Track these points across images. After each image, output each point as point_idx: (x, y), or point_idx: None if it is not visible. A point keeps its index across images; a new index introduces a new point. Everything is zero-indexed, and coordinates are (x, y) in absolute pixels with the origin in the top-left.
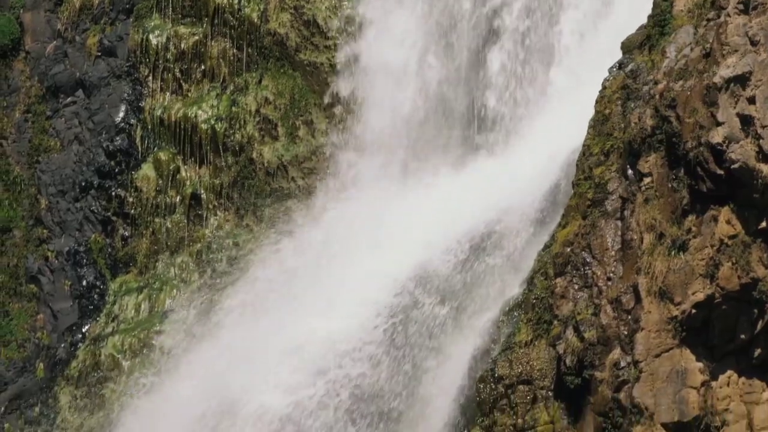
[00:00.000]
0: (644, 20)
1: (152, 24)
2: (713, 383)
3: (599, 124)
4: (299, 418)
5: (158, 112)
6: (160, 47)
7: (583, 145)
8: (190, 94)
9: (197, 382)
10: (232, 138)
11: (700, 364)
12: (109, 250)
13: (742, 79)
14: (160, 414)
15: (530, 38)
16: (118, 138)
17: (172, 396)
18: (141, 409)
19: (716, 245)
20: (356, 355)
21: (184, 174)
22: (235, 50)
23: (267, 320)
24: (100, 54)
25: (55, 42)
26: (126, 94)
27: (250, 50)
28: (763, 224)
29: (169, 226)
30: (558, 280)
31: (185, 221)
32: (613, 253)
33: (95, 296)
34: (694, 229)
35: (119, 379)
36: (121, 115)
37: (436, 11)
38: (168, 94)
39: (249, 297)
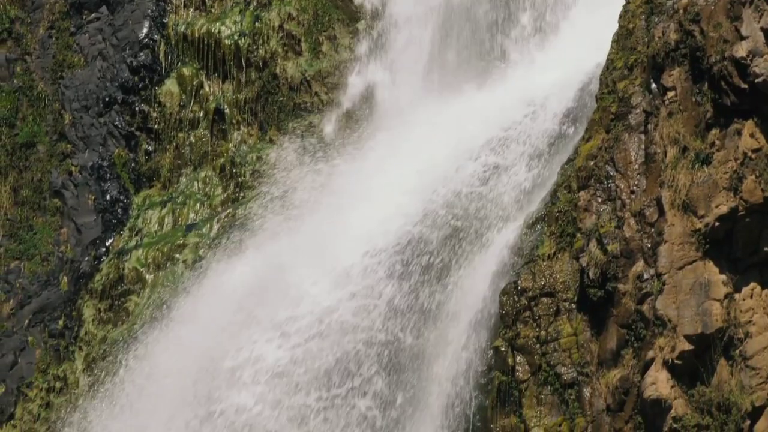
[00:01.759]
0: None
1: None
2: (736, 296)
3: (623, 38)
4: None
5: (182, 28)
6: None
7: (607, 59)
8: (213, 10)
9: (224, 297)
10: (255, 53)
11: (723, 277)
12: (133, 164)
13: None
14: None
15: None
16: (141, 54)
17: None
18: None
19: (740, 158)
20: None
21: (207, 89)
22: None
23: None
24: None
25: None
26: (149, 10)
27: None
28: None
29: (193, 140)
30: (581, 193)
31: (209, 136)
32: (636, 166)
33: (119, 210)
34: (717, 142)
35: (143, 292)
36: (145, 31)
37: None
38: (191, 10)
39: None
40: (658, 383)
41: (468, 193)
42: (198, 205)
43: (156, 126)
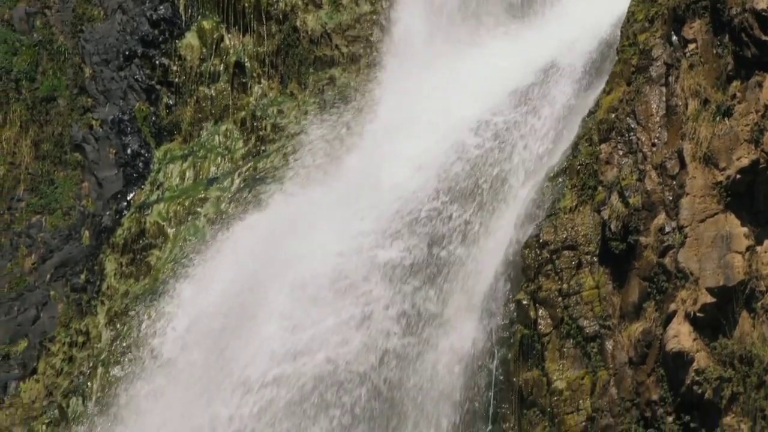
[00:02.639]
0: None
1: None
2: (758, 248)
3: None
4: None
5: None
6: None
7: (628, 12)
8: None
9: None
10: (275, 6)
11: (744, 229)
12: (154, 118)
13: None
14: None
15: None
16: (161, 7)
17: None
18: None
19: (761, 111)
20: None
21: (227, 42)
22: None
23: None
24: None
25: None
26: None
27: None
28: None
29: (213, 94)
30: (603, 145)
31: (229, 89)
32: (657, 118)
33: (140, 164)
34: (738, 94)
35: (164, 246)
36: None
37: None
38: None
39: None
40: (681, 336)
41: (488, 149)
42: (219, 158)
43: (176, 79)
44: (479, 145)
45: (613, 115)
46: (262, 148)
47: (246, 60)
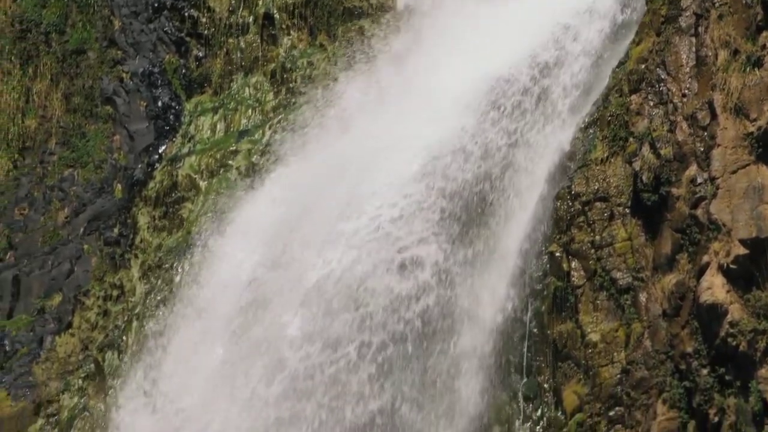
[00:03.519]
0: None
1: None
2: None
3: None
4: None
5: None
6: None
7: None
8: None
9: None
10: None
11: None
12: (184, 70)
13: None
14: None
15: None
16: None
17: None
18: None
19: None
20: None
21: None
22: None
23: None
24: None
25: None
26: None
27: None
28: None
29: (243, 45)
30: (633, 96)
31: (258, 41)
32: (687, 69)
33: (171, 117)
34: None
35: (196, 199)
36: None
37: None
38: None
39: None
40: (714, 288)
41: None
42: (250, 110)
43: (206, 31)
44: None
45: (643, 66)
46: (293, 100)
47: (275, 11)
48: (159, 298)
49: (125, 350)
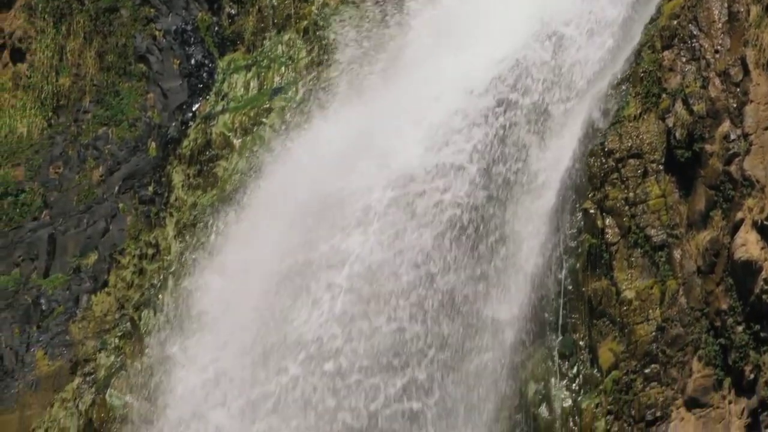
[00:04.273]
0: None
1: None
2: None
3: None
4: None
5: None
6: None
7: None
8: None
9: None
10: None
11: None
12: (216, 28)
13: None
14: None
15: None
16: None
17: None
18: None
19: None
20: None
21: None
22: None
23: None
24: None
25: None
26: None
27: None
28: None
29: (275, 3)
30: (665, 53)
31: None
32: (720, 25)
33: (204, 74)
34: None
35: (231, 157)
36: None
37: None
38: None
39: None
40: (748, 245)
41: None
42: (283, 68)
43: None
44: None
45: (675, 22)
46: (325, 57)
47: None
48: (194, 256)
49: (161, 309)
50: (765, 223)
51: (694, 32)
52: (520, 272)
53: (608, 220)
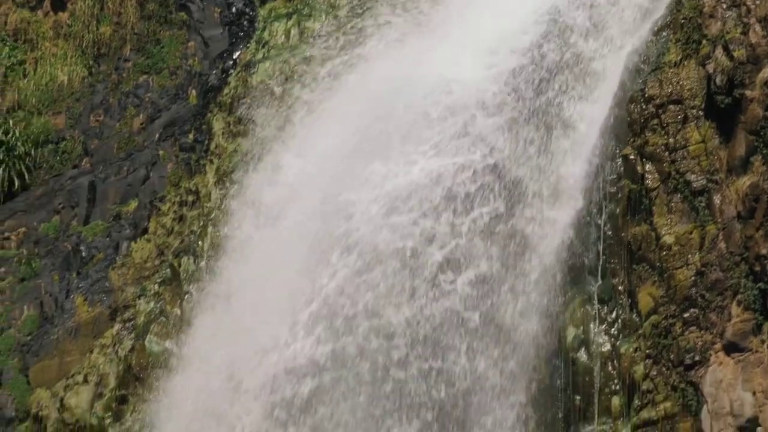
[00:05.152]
0: None
1: None
2: None
3: None
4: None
5: None
6: None
7: None
8: None
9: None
10: None
11: None
12: None
13: None
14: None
15: None
16: None
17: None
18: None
19: None
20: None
21: None
22: None
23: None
24: None
25: None
26: None
27: None
28: None
29: None
30: None
31: None
32: None
33: (245, 23)
34: None
35: (271, 104)
36: None
37: None
38: None
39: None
40: None
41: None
42: (323, 16)
43: None
44: None
45: None
46: (367, 4)
47: None
48: (234, 203)
49: (201, 255)
50: None
51: None
52: None
53: (648, 166)
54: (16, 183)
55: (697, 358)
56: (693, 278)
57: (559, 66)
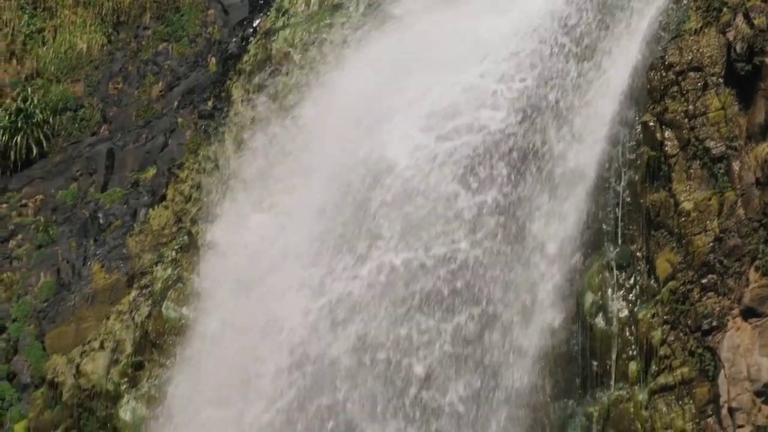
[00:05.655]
0: None
1: None
2: None
3: None
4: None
5: None
6: None
7: None
8: None
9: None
10: None
11: None
12: None
13: None
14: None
15: None
16: None
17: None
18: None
19: None
20: None
21: None
22: None
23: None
24: None
25: None
26: None
27: None
28: None
29: None
30: None
31: None
32: None
33: None
34: None
35: (291, 72)
36: None
37: None
38: None
39: None
40: None
41: None
42: None
43: None
44: None
45: None
46: None
47: None
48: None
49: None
50: None
51: None
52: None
53: (668, 133)
54: (34, 150)
55: (714, 323)
56: (711, 244)
57: None
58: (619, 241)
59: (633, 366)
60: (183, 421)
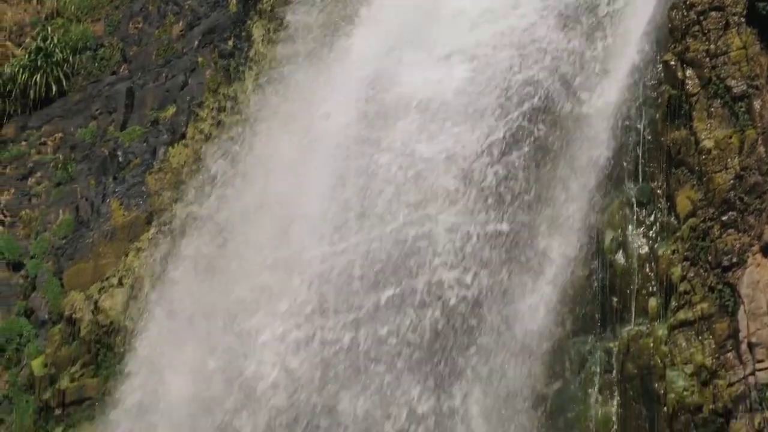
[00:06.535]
0: None
1: None
2: None
3: None
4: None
5: None
6: None
7: None
8: None
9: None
10: None
11: None
12: None
13: None
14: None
15: None
16: None
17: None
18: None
19: None
20: None
21: None
22: None
23: None
24: None
25: None
26: None
27: None
28: None
29: None
30: None
31: None
32: None
33: None
34: None
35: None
36: None
37: None
38: None
39: None
40: None
41: None
42: None
43: None
44: None
45: None
46: None
47: None
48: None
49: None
50: None
51: None
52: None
53: (689, 72)
54: (54, 89)
55: (734, 259)
56: (732, 182)
57: None
58: (640, 179)
59: (653, 302)
60: None
